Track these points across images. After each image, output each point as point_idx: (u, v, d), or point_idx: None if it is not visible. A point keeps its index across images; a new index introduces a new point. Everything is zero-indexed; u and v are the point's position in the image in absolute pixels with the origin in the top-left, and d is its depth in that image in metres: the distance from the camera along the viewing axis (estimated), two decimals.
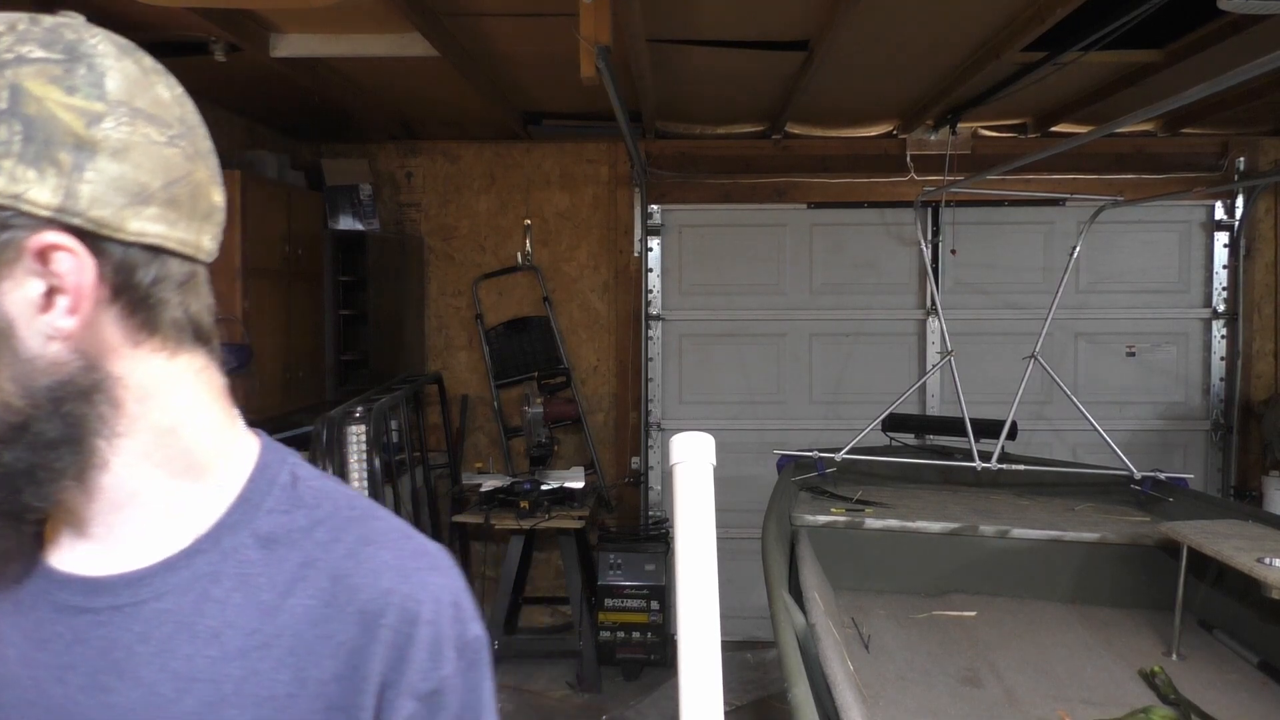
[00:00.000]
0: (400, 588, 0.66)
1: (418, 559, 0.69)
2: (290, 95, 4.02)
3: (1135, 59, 3.59)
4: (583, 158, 5.04)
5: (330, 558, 0.67)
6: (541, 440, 4.63)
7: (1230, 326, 4.94)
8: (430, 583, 0.68)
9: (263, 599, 0.65)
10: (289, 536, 0.67)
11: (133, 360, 0.63)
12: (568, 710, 4.24)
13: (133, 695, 0.63)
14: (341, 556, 0.67)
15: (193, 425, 0.67)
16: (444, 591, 0.68)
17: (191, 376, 0.67)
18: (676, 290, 5.10)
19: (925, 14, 3.08)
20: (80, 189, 0.58)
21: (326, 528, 0.68)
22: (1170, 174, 4.88)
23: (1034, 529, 3.13)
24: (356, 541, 0.68)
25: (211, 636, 0.64)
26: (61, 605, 0.65)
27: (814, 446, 3.94)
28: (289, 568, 0.66)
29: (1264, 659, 2.54)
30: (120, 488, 0.65)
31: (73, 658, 0.64)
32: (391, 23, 3.10)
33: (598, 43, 2.63)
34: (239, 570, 0.66)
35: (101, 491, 0.64)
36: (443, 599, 0.68)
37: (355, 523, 0.69)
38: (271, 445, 0.74)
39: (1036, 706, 2.25)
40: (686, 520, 0.79)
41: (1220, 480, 4.99)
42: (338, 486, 0.73)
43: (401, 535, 0.70)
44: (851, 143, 5.00)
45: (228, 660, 0.64)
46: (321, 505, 0.70)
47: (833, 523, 3.20)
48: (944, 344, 4.09)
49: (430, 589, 0.67)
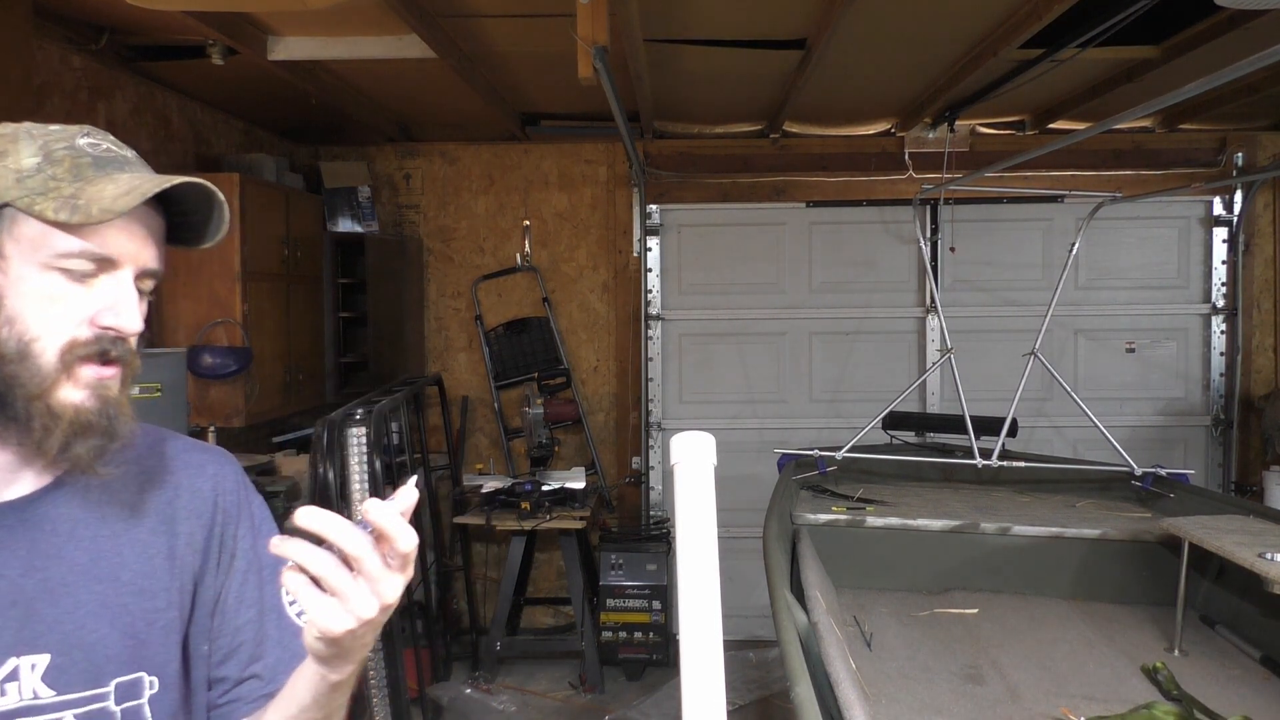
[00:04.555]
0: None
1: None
2: (288, 98, 4.02)
3: (1133, 55, 3.59)
4: (581, 158, 5.04)
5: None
6: (542, 441, 4.63)
7: (1230, 322, 4.94)
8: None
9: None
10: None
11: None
12: (570, 710, 4.24)
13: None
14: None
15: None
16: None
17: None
18: (676, 290, 5.10)
19: (922, 11, 3.08)
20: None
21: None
22: (1169, 170, 4.88)
23: (1035, 526, 3.13)
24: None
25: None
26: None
27: (814, 445, 3.93)
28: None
29: (1266, 654, 2.54)
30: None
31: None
32: (389, 25, 3.10)
33: (595, 43, 2.63)
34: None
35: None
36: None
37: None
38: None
39: (1039, 703, 2.25)
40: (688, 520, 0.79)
41: (1221, 475, 4.99)
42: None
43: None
44: (850, 141, 5.00)
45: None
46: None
47: (834, 521, 3.20)
48: (944, 341, 4.09)
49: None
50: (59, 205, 0.79)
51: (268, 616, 0.97)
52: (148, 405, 2.66)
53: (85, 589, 0.86)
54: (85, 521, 0.88)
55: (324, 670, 0.82)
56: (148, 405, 2.66)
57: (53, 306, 0.81)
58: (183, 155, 4.04)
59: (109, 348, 0.83)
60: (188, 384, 2.84)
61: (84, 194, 0.80)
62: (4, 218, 0.81)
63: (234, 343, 3.86)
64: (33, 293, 0.81)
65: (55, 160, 0.82)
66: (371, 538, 0.74)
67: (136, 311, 0.85)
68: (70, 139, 0.84)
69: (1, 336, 0.80)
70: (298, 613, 0.96)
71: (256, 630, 0.96)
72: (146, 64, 3.55)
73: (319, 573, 0.74)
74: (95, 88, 3.43)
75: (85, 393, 0.83)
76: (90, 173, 0.82)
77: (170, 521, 0.93)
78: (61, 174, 0.81)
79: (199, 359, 3.72)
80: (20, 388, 0.80)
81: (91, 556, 0.87)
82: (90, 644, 0.85)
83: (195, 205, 0.87)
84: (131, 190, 0.80)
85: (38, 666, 0.83)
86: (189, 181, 0.84)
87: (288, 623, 0.97)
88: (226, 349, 3.81)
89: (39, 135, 0.83)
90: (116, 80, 3.56)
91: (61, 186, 0.80)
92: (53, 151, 0.82)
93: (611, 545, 4.59)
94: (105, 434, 0.83)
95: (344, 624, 0.75)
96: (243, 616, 0.96)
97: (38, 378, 0.81)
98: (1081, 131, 3.18)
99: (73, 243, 0.81)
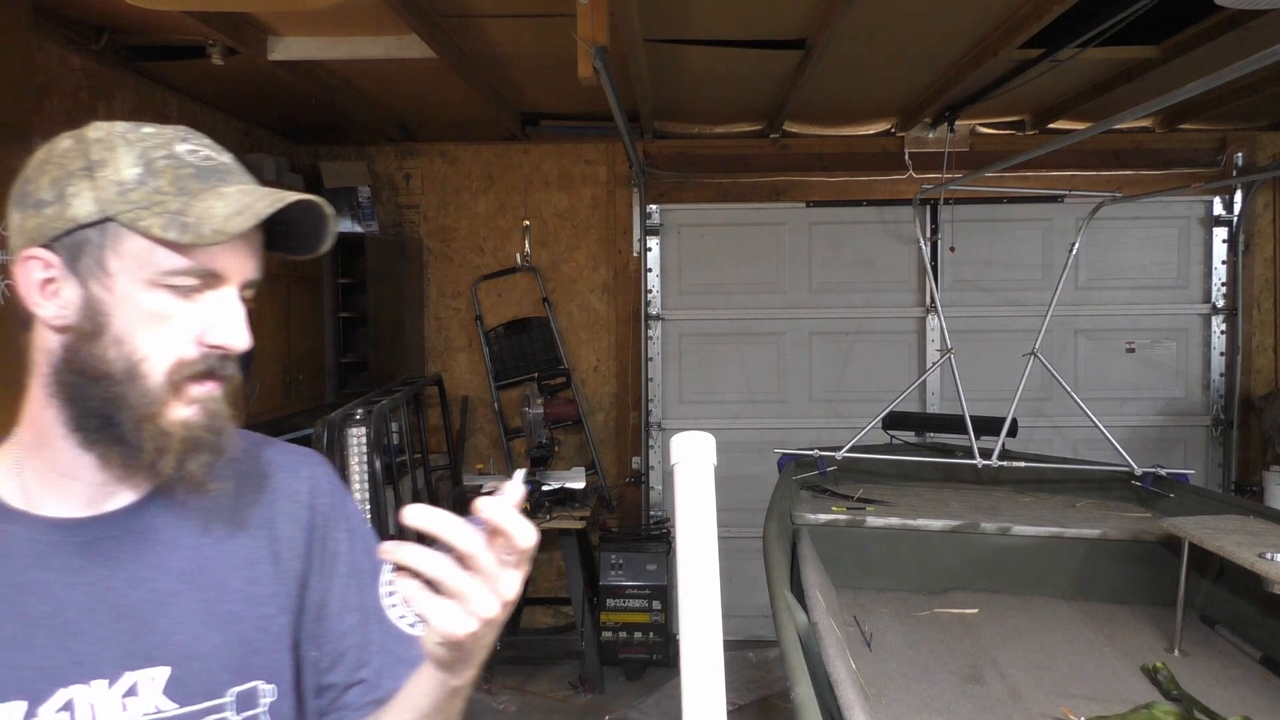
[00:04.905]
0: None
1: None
2: (288, 98, 4.02)
3: (1133, 55, 3.59)
4: (581, 158, 5.04)
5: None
6: (542, 441, 4.63)
7: (1230, 322, 4.94)
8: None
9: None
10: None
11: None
12: (570, 711, 4.24)
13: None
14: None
15: None
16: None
17: None
18: (676, 290, 5.10)
19: (922, 11, 3.08)
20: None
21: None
22: (1169, 170, 4.88)
23: (1035, 526, 3.13)
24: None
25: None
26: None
27: (814, 445, 3.93)
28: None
29: (1266, 654, 2.54)
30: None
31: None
32: (389, 25, 3.10)
33: (595, 43, 2.63)
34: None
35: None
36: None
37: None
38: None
39: (1039, 703, 2.25)
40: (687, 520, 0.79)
41: (1221, 475, 4.99)
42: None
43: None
44: (849, 141, 5.00)
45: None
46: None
47: (834, 521, 3.20)
48: (944, 341, 4.09)
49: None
50: (166, 222, 0.77)
51: (370, 620, 0.95)
52: None
53: (194, 598, 0.85)
54: (187, 530, 0.86)
55: (445, 676, 0.81)
56: None
57: (160, 325, 0.79)
58: None
59: (216, 365, 0.82)
60: None
61: (192, 210, 0.77)
62: (107, 233, 0.78)
63: None
64: (140, 311, 0.78)
65: (157, 171, 0.79)
66: (485, 534, 0.72)
67: (244, 328, 0.82)
68: (168, 146, 0.81)
69: (109, 356, 0.78)
70: (399, 616, 0.96)
71: (361, 635, 0.94)
72: (146, 64, 3.55)
73: (436, 575, 0.71)
74: (95, 88, 3.43)
75: (193, 410, 0.81)
76: (194, 185, 0.79)
77: (270, 526, 0.92)
78: (165, 186, 0.78)
79: None
80: (129, 409, 0.78)
81: (197, 565, 0.86)
82: (205, 654, 0.84)
83: (298, 215, 0.83)
84: (244, 210, 0.78)
85: (157, 679, 0.81)
86: (301, 200, 0.81)
87: (389, 626, 0.96)
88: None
89: (135, 141, 0.80)
90: (116, 80, 3.56)
91: (166, 201, 0.78)
92: (153, 161, 0.79)
93: (611, 545, 4.59)
94: (215, 450, 0.82)
95: (466, 626, 0.73)
96: (347, 621, 0.94)
97: (146, 398, 0.79)
98: (1081, 131, 3.18)
99: (179, 260, 0.78)
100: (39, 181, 0.80)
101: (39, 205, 0.79)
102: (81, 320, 0.79)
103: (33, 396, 0.83)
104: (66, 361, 0.79)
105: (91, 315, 0.78)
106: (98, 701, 0.79)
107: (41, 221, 0.79)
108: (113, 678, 0.80)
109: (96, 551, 0.82)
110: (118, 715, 0.80)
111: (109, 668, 0.80)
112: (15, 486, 0.83)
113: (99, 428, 0.79)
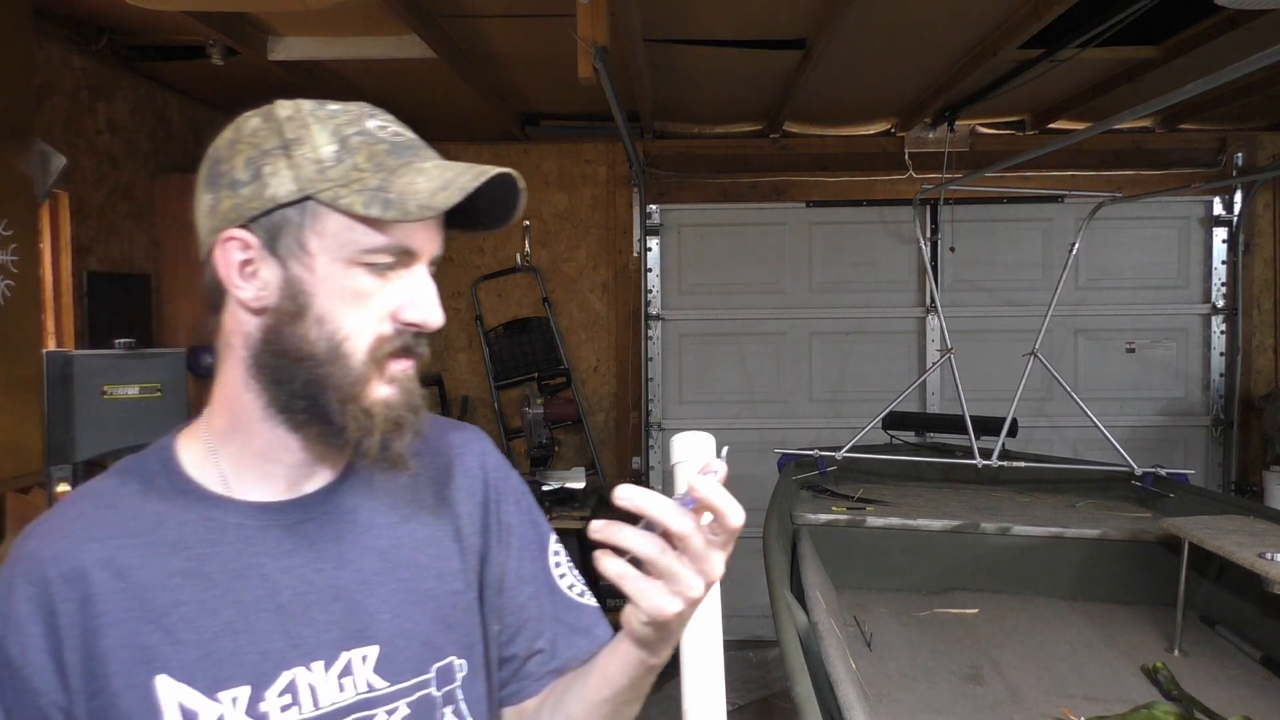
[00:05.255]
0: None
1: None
2: (288, 98, 4.01)
3: (1132, 55, 3.59)
4: (581, 158, 5.04)
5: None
6: (542, 441, 4.63)
7: (1230, 322, 4.94)
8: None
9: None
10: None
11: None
12: None
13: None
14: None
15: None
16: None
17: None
18: (676, 290, 5.10)
19: (922, 11, 3.08)
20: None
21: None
22: (1168, 170, 4.88)
23: (1035, 526, 3.13)
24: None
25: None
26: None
27: (814, 445, 3.93)
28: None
29: (1266, 654, 2.54)
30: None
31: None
32: (388, 25, 3.10)
33: (595, 43, 2.63)
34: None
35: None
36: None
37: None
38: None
39: (1039, 703, 2.25)
40: None
41: (1221, 476, 4.99)
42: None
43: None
44: (850, 141, 5.00)
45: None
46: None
47: (834, 521, 3.20)
48: (944, 341, 4.09)
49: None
50: (368, 199, 0.75)
51: (543, 591, 0.97)
52: (148, 405, 2.65)
53: (394, 577, 0.85)
54: (378, 509, 0.87)
55: (644, 654, 0.80)
56: (148, 405, 2.65)
57: (360, 303, 0.78)
58: (183, 155, 4.04)
59: (412, 343, 0.81)
60: (188, 384, 2.83)
61: (393, 186, 0.76)
62: (306, 212, 0.77)
63: None
64: (340, 290, 0.77)
65: (352, 148, 0.78)
66: (694, 513, 0.71)
67: (438, 305, 0.82)
68: (359, 122, 0.80)
69: (311, 337, 0.77)
70: (569, 585, 0.98)
71: (536, 606, 0.95)
72: (146, 64, 3.55)
73: (648, 556, 0.70)
74: (95, 88, 3.43)
75: (392, 389, 0.80)
76: (390, 161, 0.78)
77: (450, 503, 0.92)
78: (362, 163, 0.77)
79: (199, 359, 3.71)
80: (333, 390, 0.78)
81: (391, 543, 0.86)
82: (409, 631, 0.85)
83: (481, 189, 0.80)
84: (448, 185, 0.76)
85: (369, 658, 0.82)
86: (501, 173, 0.81)
87: (561, 595, 0.97)
88: None
89: (326, 119, 0.79)
90: (116, 80, 3.56)
91: (365, 178, 0.76)
92: (347, 138, 0.78)
93: None
94: (414, 428, 0.81)
95: (674, 606, 0.72)
96: (524, 593, 0.95)
97: (349, 378, 0.78)
98: (1081, 131, 3.18)
99: (378, 238, 0.77)
100: (233, 162, 0.78)
101: (234, 185, 0.78)
102: (282, 301, 0.77)
103: (228, 380, 0.82)
104: (267, 343, 0.78)
105: (293, 296, 0.77)
106: (317, 683, 0.80)
107: (238, 202, 0.77)
108: (330, 659, 0.81)
109: (302, 534, 0.83)
110: (335, 695, 0.80)
111: (326, 649, 0.81)
112: (213, 473, 0.83)
113: (305, 409, 0.79)
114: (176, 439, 0.86)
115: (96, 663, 0.75)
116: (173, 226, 3.84)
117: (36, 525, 0.81)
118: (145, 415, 2.60)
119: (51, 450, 2.48)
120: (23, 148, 2.64)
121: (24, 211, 2.67)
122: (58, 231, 3.25)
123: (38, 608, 0.76)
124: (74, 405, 2.49)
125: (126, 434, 2.55)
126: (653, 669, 0.83)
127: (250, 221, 0.77)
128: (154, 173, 3.82)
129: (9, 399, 2.59)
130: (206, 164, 0.81)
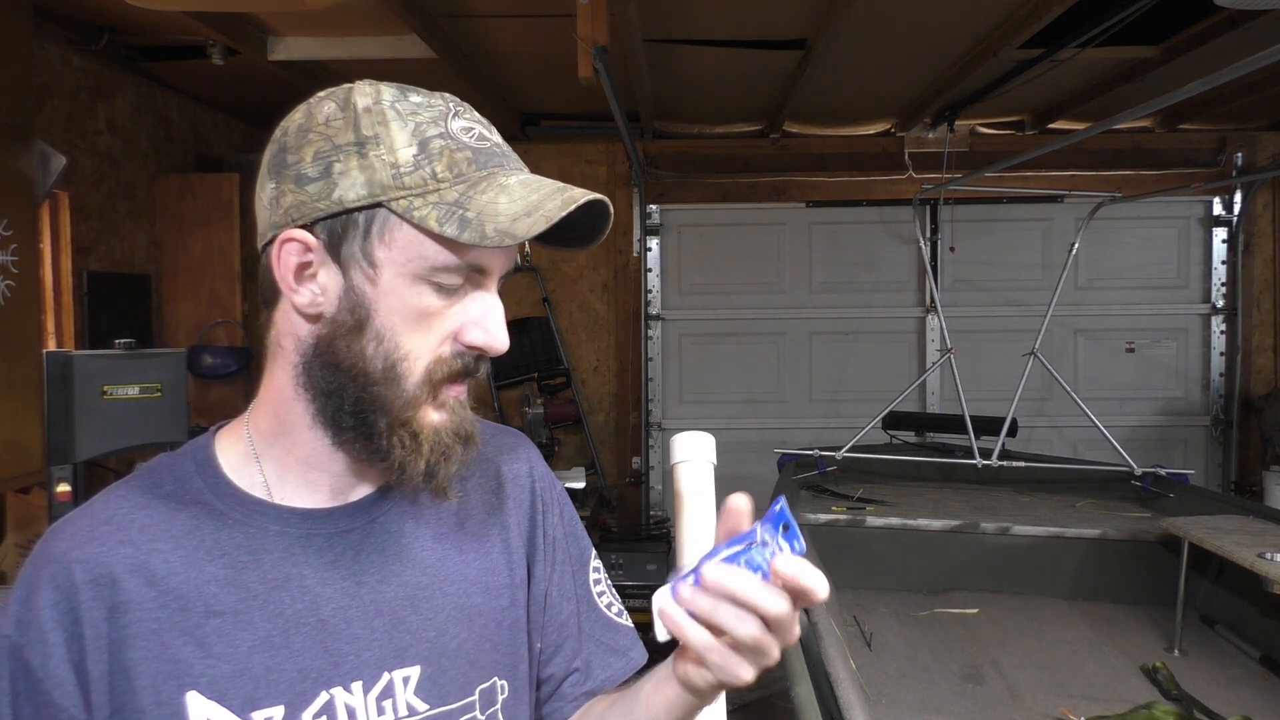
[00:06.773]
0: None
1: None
2: (288, 98, 3.99)
3: (1132, 55, 3.59)
4: (581, 158, 5.04)
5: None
6: (542, 441, 4.63)
7: (1229, 321, 4.94)
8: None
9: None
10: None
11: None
12: None
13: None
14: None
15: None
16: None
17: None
18: (676, 290, 5.10)
19: (922, 12, 3.08)
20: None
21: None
22: (1168, 170, 4.88)
23: (1035, 526, 3.13)
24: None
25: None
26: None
27: (814, 445, 3.94)
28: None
29: (1265, 654, 2.54)
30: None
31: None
32: (388, 25, 3.10)
33: (595, 43, 2.63)
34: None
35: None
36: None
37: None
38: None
39: (1039, 703, 2.25)
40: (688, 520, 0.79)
41: (1221, 475, 4.99)
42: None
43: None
44: (849, 141, 5.00)
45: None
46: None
47: (834, 521, 3.20)
48: (944, 341, 4.09)
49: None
50: (444, 214, 0.69)
51: (583, 609, 0.92)
52: (148, 405, 2.65)
53: (440, 592, 0.80)
54: (425, 520, 0.81)
55: (697, 701, 0.76)
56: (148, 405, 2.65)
57: (423, 323, 0.72)
58: (183, 155, 4.04)
59: (472, 366, 0.75)
60: (188, 384, 2.83)
61: (472, 203, 0.69)
62: (376, 220, 0.70)
63: (234, 343, 3.86)
64: (403, 307, 0.71)
65: (432, 154, 0.70)
66: (780, 587, 0.68)
67: (504, 329, 0.76)
68: (442, 122, 0.72)
69: (368, 354, 0.71)
70: (607, 604, 0.95)
71: (576, 625, 0.91)
72: (146, 64, 3.55)
73: (748, 642, 0.66)
74: (95, 88, 3.43)
75: (442, 414, 0.75)
76: (472, 172, 0.71)
77: (499, 513, 0.87)
78: (441, 171, 0.70)
79: (199, 359, 3.72)
80: (384, 411, 0.72)
81: (437, 557, 0.81)
82: (454, 651, 0.79)
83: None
84: (532, 211, 0.69)
85: (410, 680, 0.77)
86: (592, 200, 0.72)
87: (600, 614, 0.93)
88: (227, 349, 3.82)
89: (407, 115, 0.71)
90: (116, 80, 3.56)
91: (444, 189, 0.70)
92: (429, 140, 0.71)
93: (612, 545, 4.58)
94: (461, 460, 0.76)
95: (753, 674, 0.69)
96: (565, 610, 0.90)
97: (401, 400, 0.72)
98: (1081, 131, 3.18)
99: (451, 257, 0.71)
100: (302, 153, 0.72)
101: (299, 180, 0.71)
102: (340, 311, 0.72)
103: (275, 383, 0.76)
104: (319, 353, 0.73)
105: (353, 308, 0.71)
106: (355, 705, 0.74)
107: (303, 199, 0.71)
108: (370, 679, 0.75)
109: (346, 544, 0.77)
110: (373, 718, 0.75)
111: (368, 669, 0.75)
112: (255, 478, 0.77)
113: (353, 426, 0.73)
114: (215, 439, 0.80)
115: (122, 676, 0.70)
116: (173, 227, 3.84)
117: (64, 525, 0.75)
118: (145, 415, 2.59)
119: (51, 450, 2.48)
120: (23, 148, 2.65)
121: (24, 212, 2.68)
122: (58, 232, 3.26)
123: (62, 614, 0.70)
124: (74, 405, 2.48)
125: (126, 434, 2.54)
126: (699, 710, 0.79)
127: (314, 222, 0.71)
128: (154, 173, 3.82)
129: (9, 399, 2.59)
130: (272, 148, 0.75)
